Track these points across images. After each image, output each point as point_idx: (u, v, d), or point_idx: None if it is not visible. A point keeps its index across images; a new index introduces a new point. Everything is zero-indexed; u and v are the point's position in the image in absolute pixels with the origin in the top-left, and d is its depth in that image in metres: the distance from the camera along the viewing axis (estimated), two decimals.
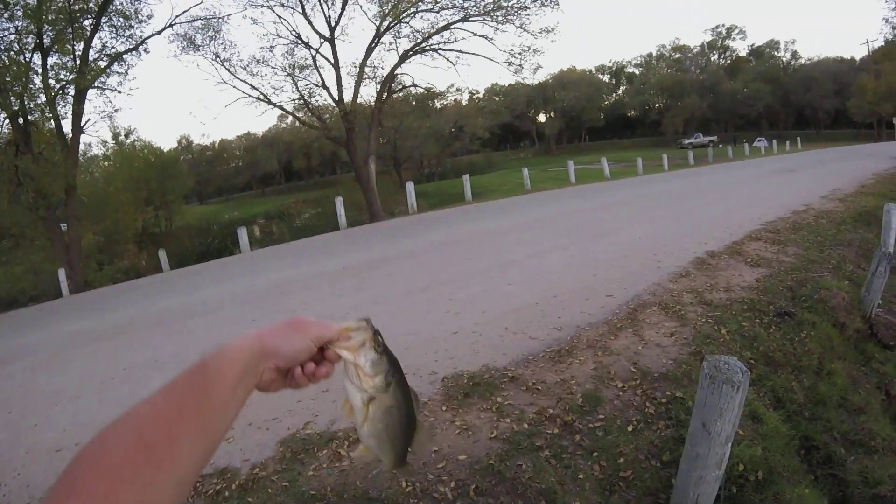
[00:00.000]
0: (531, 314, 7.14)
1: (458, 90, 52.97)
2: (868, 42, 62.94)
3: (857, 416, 5.70)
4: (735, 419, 3.39)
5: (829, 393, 5.85)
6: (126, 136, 38.55)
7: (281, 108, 24.24)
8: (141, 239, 32.26)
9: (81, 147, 22.25)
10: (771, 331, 6.53)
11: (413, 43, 24.03)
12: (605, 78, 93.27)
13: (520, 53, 24.71)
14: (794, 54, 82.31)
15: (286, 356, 0.94)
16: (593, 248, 10.58)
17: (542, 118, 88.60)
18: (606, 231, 12.36)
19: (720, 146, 55.03)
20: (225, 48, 22.80)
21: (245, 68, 22.97)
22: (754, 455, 4.36)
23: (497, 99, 79.67)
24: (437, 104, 53.16)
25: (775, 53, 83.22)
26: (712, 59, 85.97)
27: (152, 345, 8.16)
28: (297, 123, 28.87)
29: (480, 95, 72.23)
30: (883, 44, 58.74)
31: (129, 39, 20.60)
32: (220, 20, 22.43)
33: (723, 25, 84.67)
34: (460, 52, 24.56)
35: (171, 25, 21.61)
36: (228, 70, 22.79)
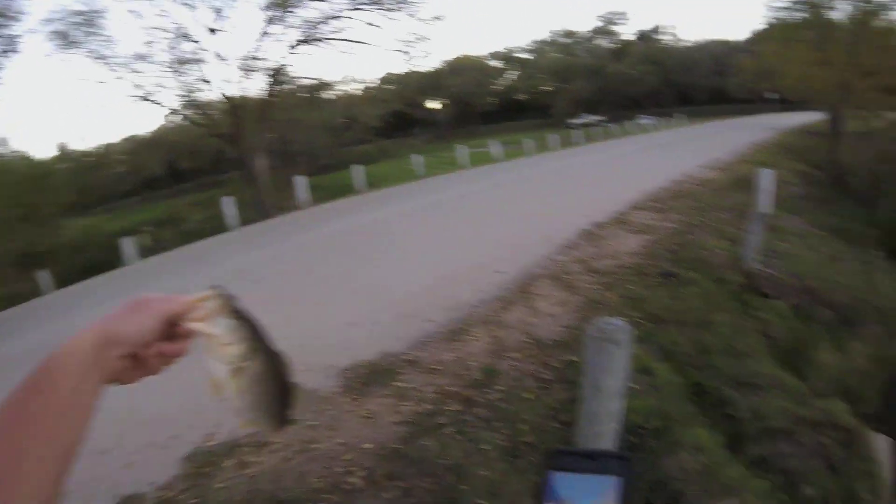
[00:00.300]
0: (425, 297, 7.20)
1: (349, 80, 52.35)
2: (749, 26, 67.16)
3: (742, 360, 6.10)
4: (624, 375, 3.55)
5: (714, 342, 6.24)
6: None
7: (165, 106, 23.29)
8: (22, 260, 30.20)
9: None
10: (656, 291, 6.91)
11: (302, 33, 23.39)
12: (496, 63, 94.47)
13: (411, 41, 24.57)
14: (678, 38, 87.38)
15: (131, 339, 0.85)
16: (484, 229, 10.78)
17: (434, 105, 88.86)
18: (496, 211, 12.63)
19: (607, 125, 56.74)
20: (105, 44, 21.50)
21: (126, 65, 21.72)
22: (649, 406, 4.62)
23: (389, 87, 79.34)
24: (328, 95, 52.51)
25: (659, 37, 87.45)
26: (600, 43, 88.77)
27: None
28: (184, 122, 27.75)
29: (372, 84, 71.85)
30: (764, 27, 62.20)
31: None
32: (98, 14, 20.90)
33: (610, 11, 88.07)
34: (350, 41, 24.16)
35: (45, 22, 20.20)
36: (109, 68, 21.55)
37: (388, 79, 79.37)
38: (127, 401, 4.49)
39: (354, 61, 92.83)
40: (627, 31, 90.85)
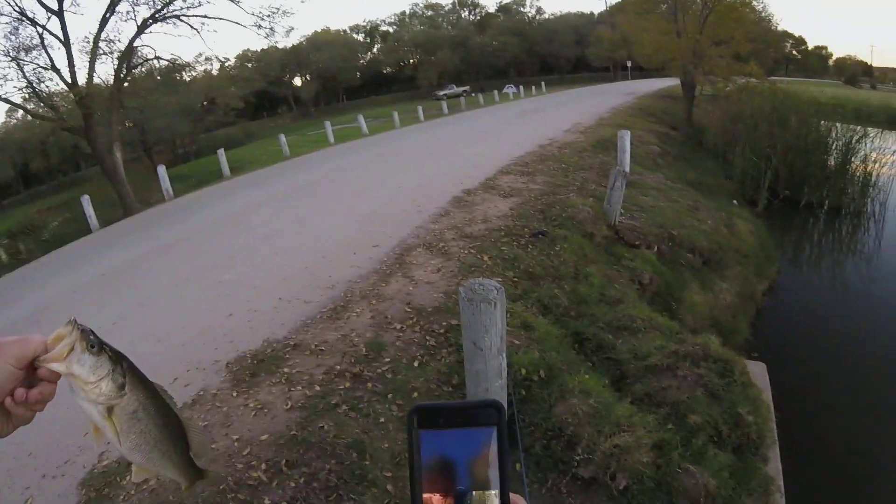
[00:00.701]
0: (302, 279, 7.15)
1: (206, 59, 50.24)
2: (608, 2, 69.72)
3: (617, 306, 6.53)
4: (501, 331, 3.67)
5: (588, 292, 6.63)
6: None
7: (6, 100, 21.29)
8: None
9: None
10: (529, 250, 7.17)
11: (153, 10, 21.60)
12: (360, 37, 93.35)
13: (268, 16, 23.59)
14: (539, 10, 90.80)
15: None
16: (355, 204, 10.75)
17: (297, 82, 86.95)
18: (366, 186, 12.59)
19: (472, 95, 57.51)
20: None
21: None
22: (533, 358, 4.85)
23: (250, 66, 76.70)
24: (185, 77, 50.22)
25: (521, 9, 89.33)
26: (463, 15, 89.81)
27: None
28: (29, 117, 25.72)
29: (232, 63, 69.33)
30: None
31: None
32: None
33: None
34: (205, 17, 22.66)
35: None
36: None
37: (248, 57, 77.07)
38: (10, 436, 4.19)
39: (211, 40, 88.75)
40: (490, 4, 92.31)
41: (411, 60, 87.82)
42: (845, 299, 10.47)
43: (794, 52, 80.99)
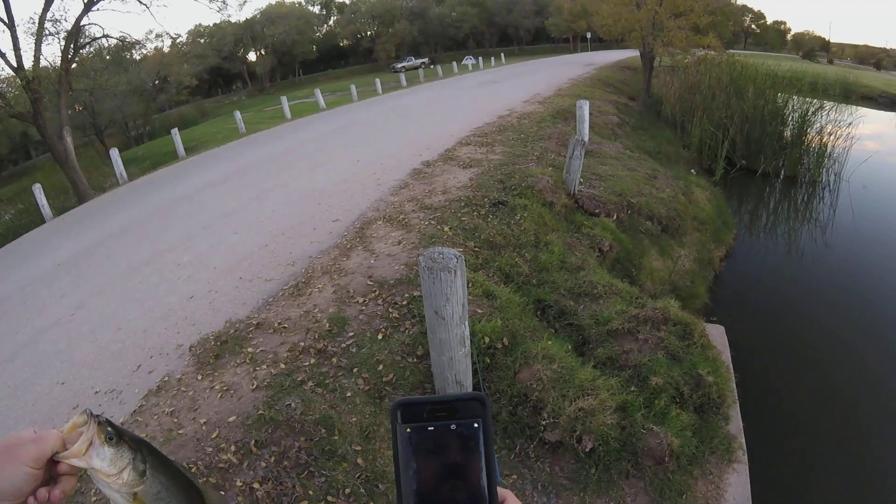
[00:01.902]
0: (262, 257, 7.12)
1: (157, 36, 48.98)
2: None
3: (577, 273, 6.63)
4: (463, 300, 3.69)
5: (549, 260, 6.70)
6: None
7: None
8: None
9: None
10: (489, 220, 7.19)
11: None
12: (316, 10, 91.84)
13: None
14: None
15: (7, 494, 0.77)
16: (313, 179, 10.69)
17: (252, 57, 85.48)
18: (324, 160, 12.51)
19: (431, 67, 57.17)
20: None
21: None
22: (496, 326, 4.90)
23: (202, 41, 75.19)
24: (136, 55, 48.98)
25: None
26: None
27: None
28: None
29: (183, 40, 67.88)
30: None
31: None
32: None
33: None
34: None
35: None
36: None
37: (200, 32, 75.52)
38: None
39: (161, 15, 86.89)
40: None
41: (368, 33, 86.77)
42: (801, 265, 10.73)
43: (753, 26, 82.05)
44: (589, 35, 58.28)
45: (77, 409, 5.69)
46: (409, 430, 0.78)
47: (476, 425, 0.79)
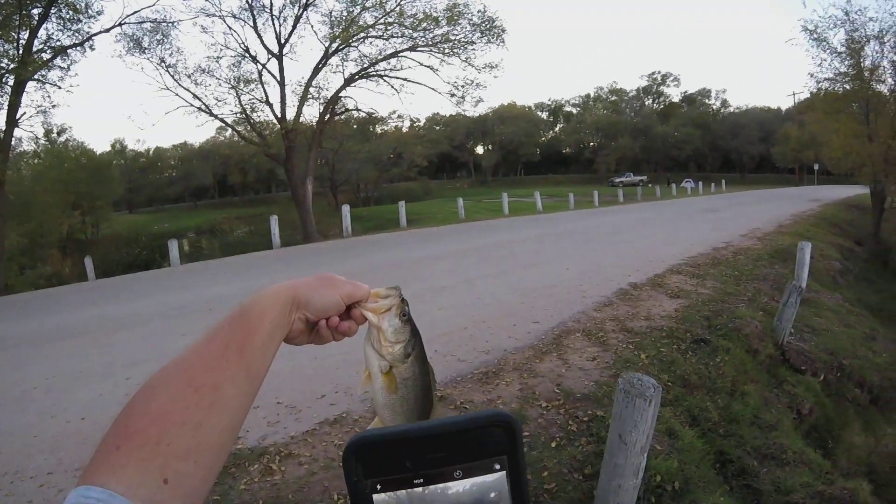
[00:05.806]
0: (460, 338, 7.32)
1: (399, 117, 53.18)
2: (794, 94, 66.87)
3: (769, 432, 6.10)
4: (649, 431, 3.64)
5: (742, 412, 6.26)
6: (59, 133, 34.56)
7: (222, 120, 24.15)
8: (66, 244, 30.57)
9: (13, 142, 21.11)
10: (688, 356, 6.92)
11: (360, 67, 24.21)
12: (544, 115, 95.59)
13: (463, 86, 25.14)
14: (724, 102, 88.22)
15: (316, 308, 0.94)
16: (522, 277, 10.90)
17: (479, 150, 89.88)
18: (535, 262, 12.75)
19: (649, 185, 56.86)
20: (171, 54, 22.25)
21: (189, 76, 22.74)
22: (671, 467, 4.65)
23: (437, 128, 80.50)
24: (379, 129, 53.39)
25: (706, 101, 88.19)
26: (647, 103, 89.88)
27: (79, 355, 7.81)
28: (237, 137, 28.34)
29: (421, 124, 73.06)
30: (808, 96, 62.34)
31: (76, 34, 19.87)
32: (170, 25, 22.00)
33: (658, 72, 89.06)
34: (405, 80, 24.93)
35: (120, 24, 21.05)
36: (172, 77, 22.49)
37: (437, 120, 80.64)
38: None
39: (407, 100, 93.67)
40: (674, 93, 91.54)
41: (591, 143, 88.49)
42: None
43: None
44: (816, 167, 55.13)
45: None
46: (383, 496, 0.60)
47: (498, 467, 0.57)
